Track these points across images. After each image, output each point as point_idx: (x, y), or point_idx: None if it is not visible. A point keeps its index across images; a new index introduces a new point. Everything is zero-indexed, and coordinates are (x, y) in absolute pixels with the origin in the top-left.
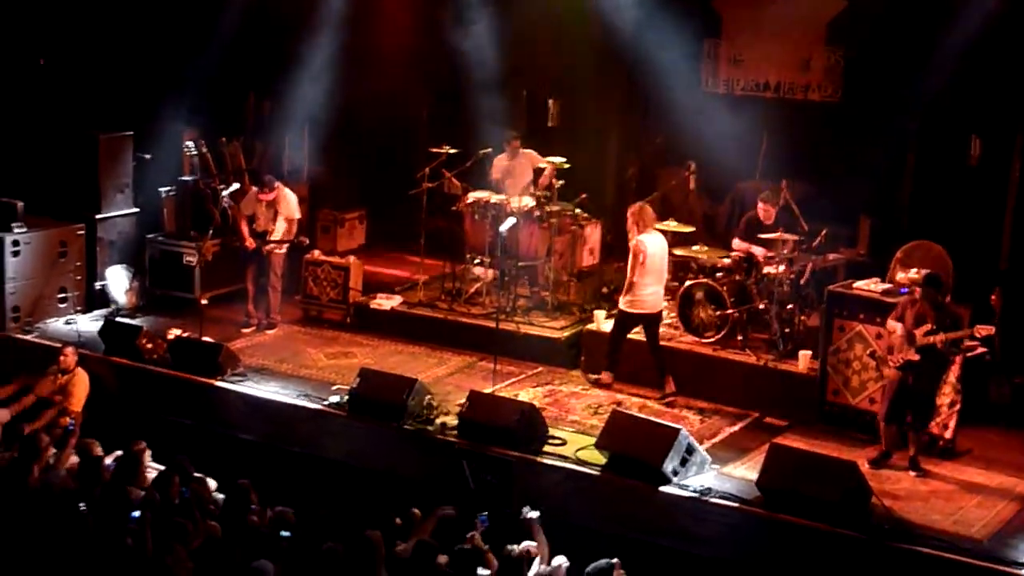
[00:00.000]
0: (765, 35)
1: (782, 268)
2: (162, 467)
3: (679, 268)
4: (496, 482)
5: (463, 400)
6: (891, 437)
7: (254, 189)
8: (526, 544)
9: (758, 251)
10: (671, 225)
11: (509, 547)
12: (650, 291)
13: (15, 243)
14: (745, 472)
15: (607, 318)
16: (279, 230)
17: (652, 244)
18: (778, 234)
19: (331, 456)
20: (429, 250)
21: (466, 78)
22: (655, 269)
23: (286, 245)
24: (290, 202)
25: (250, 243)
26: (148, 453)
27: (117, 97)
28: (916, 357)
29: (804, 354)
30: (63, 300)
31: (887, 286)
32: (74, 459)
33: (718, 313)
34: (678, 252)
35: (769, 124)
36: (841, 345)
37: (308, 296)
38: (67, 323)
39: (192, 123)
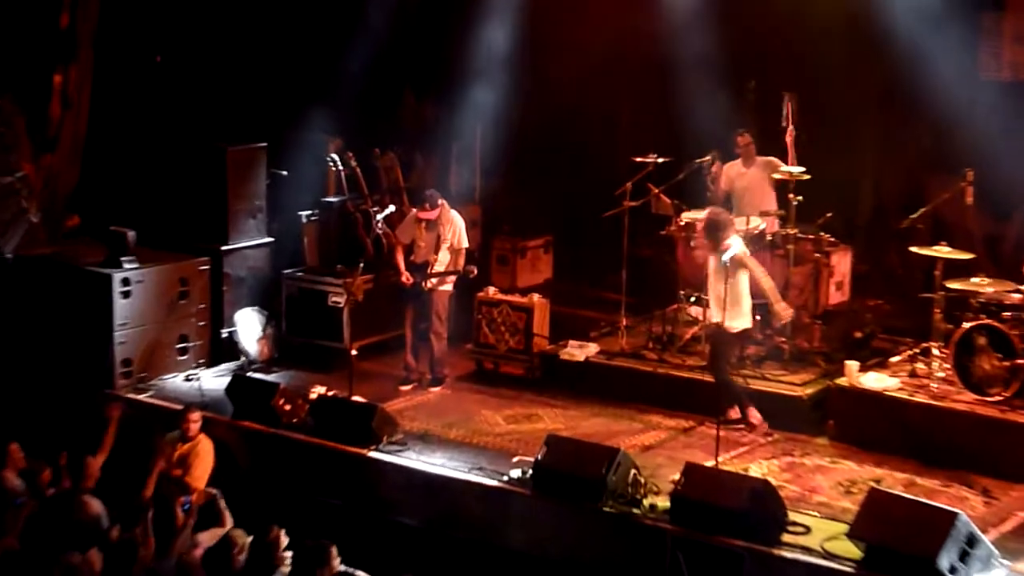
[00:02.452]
0: None
1: None
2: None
3: (954, 306)
4: None
5: (677, 475)
6: None
7: (413, 210)
8: None
9: None
10: (943, 251)
11: None
12: None
13: (125, 281)
14: None
15: (861, 371)
16: (443, 261)
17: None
18: None
19: (511, 545)
20: (633, 285)
21: (677, 70)
22: None
23: (452, 279)
24: (457, 227)
25: (407, 278)
26: (285, 541)
27: (247, 101)
28: None
29: None
30: (183, 351)
31: None
32: (198, 549)
33: (1006, 363)
34: (953, 286)
35: None
36: None
37: (481, 344)
38: (188, 379)
39: (338, 131)
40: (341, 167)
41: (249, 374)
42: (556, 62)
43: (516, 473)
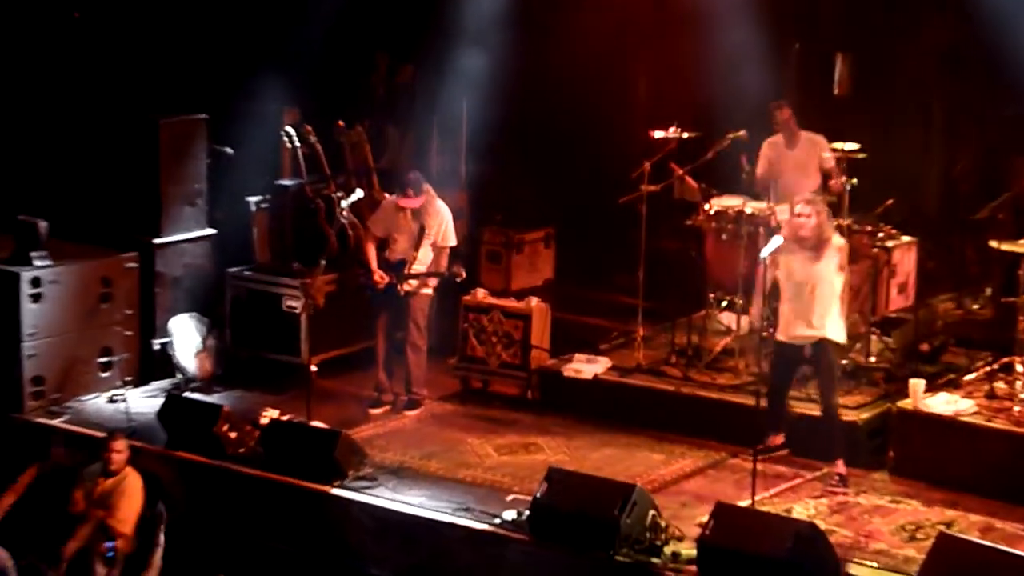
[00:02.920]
0: None
1: None
2: None
3: None
4: None
5: (705, 517)
6: None
7: (389, 197)
8: None
9: None
10: None
11: None
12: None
13: (36, 282)
14: None
15: (929, 391)
16: (423, 260)
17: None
18: None
19: None
20: (652, 287)
21: (706, 27)
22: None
23: (434, 282)
24: (443, 220)
25: (380, 278)
26: None
27: (184, 64)
28: None
29: None
30: (106, 367)
31: None
32: None
33: None
34: None
35: None
36: None
37: (468, 358)
38: (112, 401)
39: (295, 100)
40: (298, 143)
41: (186, 394)
42: (560, 19)
43: (511, 515)
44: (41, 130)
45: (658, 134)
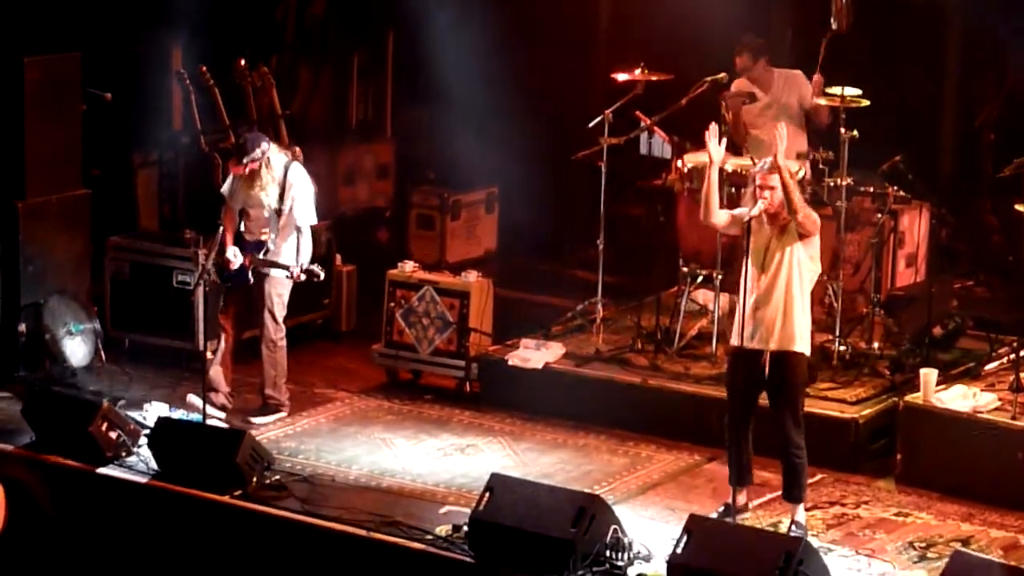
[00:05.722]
0: None
1: None
2: None
3: None
4: None
5: (678, 533)
6: None
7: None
8: None
9: None
10: None
11: None
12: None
13: None
14: None
15: (942, 382)
16: (280, 241)
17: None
18: None
19: None
20: (613, 258)
21: None
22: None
23: (288, 274)
24: (294, 190)
25: (234, 255)
26: None
27: None
28: None
29: None
30: None
31: None
32: None
33: None
34: None
35: None
36: None
37: (395, 344)
38: None
39: (186, 35)
40: (190, 87)
41: (57, 388)
42: None
43: (445, 530)
44: None
45: (621, 76)
